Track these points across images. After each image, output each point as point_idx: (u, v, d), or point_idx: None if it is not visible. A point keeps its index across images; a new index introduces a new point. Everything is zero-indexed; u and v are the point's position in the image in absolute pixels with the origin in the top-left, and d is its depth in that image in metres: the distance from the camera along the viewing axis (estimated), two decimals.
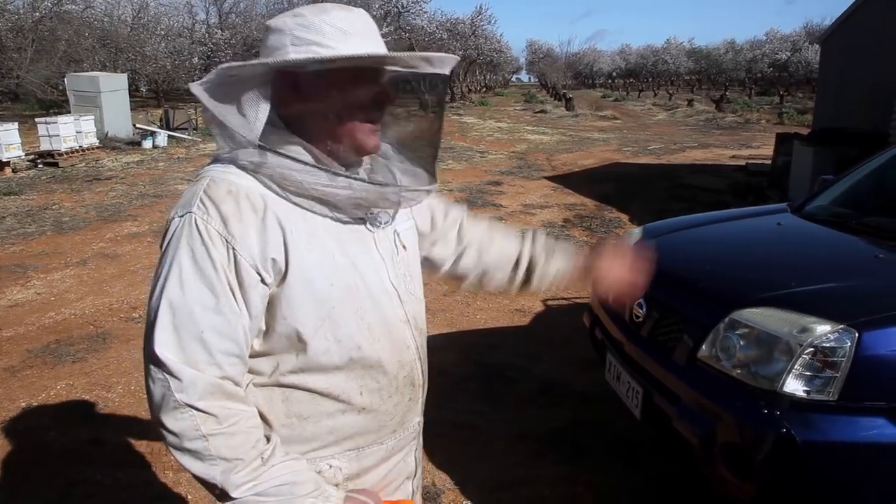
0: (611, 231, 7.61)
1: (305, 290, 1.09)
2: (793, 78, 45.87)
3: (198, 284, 1.02)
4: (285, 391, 1.15)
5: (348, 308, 1.13)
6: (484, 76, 54.97)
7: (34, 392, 3.76)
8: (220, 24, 29.83)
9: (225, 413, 1.03)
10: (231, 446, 1.04)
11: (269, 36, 1.11)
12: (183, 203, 1.08)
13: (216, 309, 1.03)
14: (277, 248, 1.06)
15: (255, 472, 1.05)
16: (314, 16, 1.07)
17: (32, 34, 18.20)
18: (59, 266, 6.13)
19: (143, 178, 10.78)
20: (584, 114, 28.58)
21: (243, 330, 1.06)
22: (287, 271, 1.07)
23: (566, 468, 3.05)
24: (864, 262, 2.64)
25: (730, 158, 14.05)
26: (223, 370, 1.05)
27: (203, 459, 1.03)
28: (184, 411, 1.01)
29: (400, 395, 1.24)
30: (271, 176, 1.07)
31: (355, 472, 1.23)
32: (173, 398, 1.01)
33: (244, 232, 1.04)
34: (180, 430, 1.02)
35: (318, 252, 1.10)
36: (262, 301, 1.07)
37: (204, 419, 1.02)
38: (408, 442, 1.32)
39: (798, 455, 1.95)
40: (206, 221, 1.03)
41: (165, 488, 2.90)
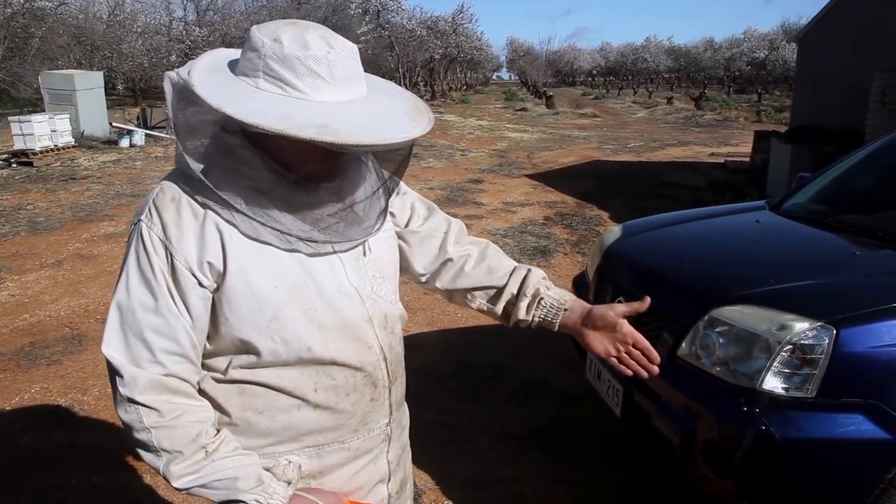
0: (591, 228, 7.63)
1: (246, 292, 1.10)
2: (770, 76, 46.48)
3: (140, 288, 1.08)
4: (240, 386, 1.17)
5: (296, 309, 1.13)
6: (464, 74, 55.01)
7: (7, 396, 3.69)
8: (198, 21, 29.52)
9: (167, 408, 1.08)
10: (172, 438, 1.09)
11: (247, 48, 1.06)
12: (138, 210, 1.14)
13: (155, 310, 1.08)
14: (215, 251, 1.08)
15: (197, 465, 1.10)
16: (292, 47, 1.02)
17: (4, 31, 17.90)
18: (33, 267, 6.03)
19: (120, 177, 10.64)
20: (565, 112, 28.70)
21: (184, 330, 1.09)
22: (225, 274, 1.09)
23: (547, 467, 3.05)
24: (841, 260, 2.67)
25: (709, 156, 14.17)
26: (166, 368, 1.09)
27: (149, 450, 1.10)
28: (129, 405, 1.08)
29: (359, 395, 1.23)
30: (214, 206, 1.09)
31: (317, 470, 1.23)
32: (119, 392, 1.08)
33: (181, 237, 1.07)
34: (128, 422, 1.09)
35: (260, 254, 1.10)
36: (203, 303, 1.10)
37: (146, 412, 1.07)
38: (376, 444, 1.30)
39: (777, 452, 1.96)
40: (150, 228, 1.09)
41: (142, 492, 2.86)
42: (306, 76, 1.02)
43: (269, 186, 1.10)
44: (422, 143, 14.43)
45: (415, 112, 1.11)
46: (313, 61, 1.02)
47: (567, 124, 23.35)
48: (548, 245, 6.94)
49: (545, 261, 6.41)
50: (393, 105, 1.11)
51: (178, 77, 1.05)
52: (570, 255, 6.67)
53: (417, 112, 1.11)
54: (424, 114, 1.11)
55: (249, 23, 27.69)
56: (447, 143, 15.76)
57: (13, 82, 18.12)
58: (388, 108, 1.10)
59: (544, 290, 1.37)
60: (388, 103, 1.11)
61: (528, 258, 6.46)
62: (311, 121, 0.98)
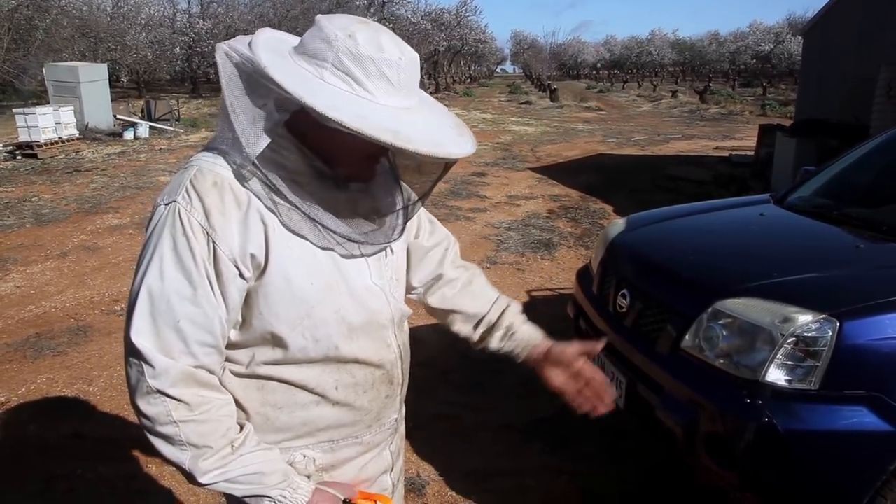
0: (595, 221, 7.63)
1: (284, 287, 1.08)
2: (776, 70, 46.27)
3: (177, 274, 1.03)
4: (261, 381, 1.15)
5: (328, 307, 1.13)
6: (468, 67, 54.89)
7: (14, 386, 3.71)
8: (202, 13, 29.44)
9: (197, 401, 1.05)
10: (201, 433, 1.05)
11: (315, 36, 1.04)
12: (169, 190, 1.07)
13: (193, 300, 1.03)
14: (258, 243, 1.05)
15: (224, 459, 1.07)
16: (367, 47, 1.01)
17: (8, 23, 17.87)
18: (38, 259, 6.05)
19: (124, 169, 10.65)
20: (569, 105, 28.62)
21: (220, 321, 1.06)
22: (266, 267, 1.06)
23: (550, 458, 3.07)
24: (845, 253, 2.66)
25: (713, 150, 14.13)
26: (198, 359, 1.06)
27: (174, 444, 1.06)
28: (156, 397, 1.03)
29: (376, 392, 1.24)
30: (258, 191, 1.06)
31: (330, 464, 1.23)
32: (147, 384, 1.03)
33: (225, 225, 1.03)
34: (153, 415, 1.04)
35: (299, 250, 1.08)
36: (240, 294, 1.07)
37: (175, 406, 1.04)
38: (384, 437, 1.32)
39: (780, 444, 1.97)
40: (189, 212, 1.03)
41: (148, 482, 2.88)
42: (376, 78, 1.02)
43: (307, 181, 1.09)
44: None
45: (459, 128, 1.12)
46: (386, 65, 1.02)
47: (571, 118, 23.29)
48: (551, 238, 6.94)
49: (549, 254, 6.41)
50: (441, 120, 1.11)
51: (237, 53, 1.02)
52: (574, 248, 6.67)
53: (461, 128, 1.12)
54: (466, 130, 1.12)
55: (254, 15, 27.73)
56: None
57: (17, 74, 18.11)
58: (441, 122, 1.10)
59: (518, 325, 1.45)
60: (436, 117, 1.11)
61: (531, 251, 6.47)
62: (383, 124, 0.97)
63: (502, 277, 5.71)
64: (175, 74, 29.99)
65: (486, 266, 6.00)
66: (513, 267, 6.01)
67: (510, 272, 5.87)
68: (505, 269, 5.93)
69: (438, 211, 7.83)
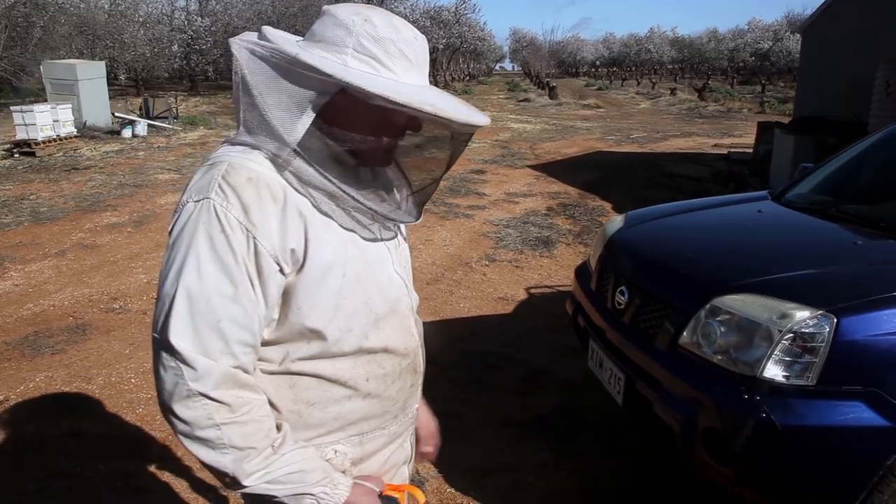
0: (594, 219, 7.63)
1: (321, 281, 1.09)
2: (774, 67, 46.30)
3: (216, 273, 1.01)
4: (293, 378, 1.14)
5: (359, 298, 1.14)
6: (467, 64, 54.80)
7: (13, 384, 3.71)
8: (200, 10, 29.37)
9: (238, 402, 1.03)
10: (244, 435, 1.03)
11: (329, 24, 1.07)
12: (198, 187, 1.05)
13: (234, 298, 1.02)
14: (297, 238, 1.05)
15: (267, 460, 1.05)
16: (385, 29, 1.06)
17: (5, 20, 17.82)
18: (37, 257, 6.05)
19: (122, 167, 10.64)
20: (568, 102, 28.61)
21: (258, 320, 1.05)
22: (305, 262, 1.07)
23: (549, 455, 3.07)
24: (842, 249, 2.67)
25: (712, 147, 14.14)
26: (238, 360, 1.04)
27: (214, 448, 1.03)
28: (196, 400, 1.00)
29: (403, 381, 1.26)
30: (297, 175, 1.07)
31: (359, 457, 1.23)
32: (186, 387, 1.00)
33: (264, 221, 1.02)
34: (192, 419, 1.01)
35: (333, 242, 1.09)
36: (279, 291, 1.07)
37: (217, 408, 1.01)
38: (406, 427, 1.34)
39: (778, 439, 1.97)
40: (226, 209, 1.01)
41: (148, 479, 2.88)
42: (397, 58, 1.06)
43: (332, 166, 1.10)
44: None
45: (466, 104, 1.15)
46: (404, 44, 1.07)
47: (570, 115, 23.28)
48: (550, 235, 6.95)
49: (548, 251, 6.42)
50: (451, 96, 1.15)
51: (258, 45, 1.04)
52: (573, 245, 6.68)
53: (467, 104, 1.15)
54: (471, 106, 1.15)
55: (252, 12, 27.64)
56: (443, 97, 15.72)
57: (15, 72, 18.08)
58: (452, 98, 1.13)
59: None
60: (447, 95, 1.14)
61: (530, 249, 6.47)
62: (418, 98, 1.01)
63: (501, 275, 5.72)
64: (173, 72, 29.89)
65: (484, 263, 6.01)
66: (511, 264, 6.01)
67: (509, 269, 5.87)
68: (504, 267, 5.93)
69: (437, 209, 7.84)
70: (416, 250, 6.34)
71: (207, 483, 2.83)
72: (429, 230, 7.02)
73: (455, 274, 5.72)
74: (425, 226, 7.14)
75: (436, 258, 6.15)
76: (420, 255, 6.21)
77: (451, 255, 6.28)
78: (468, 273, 5.76)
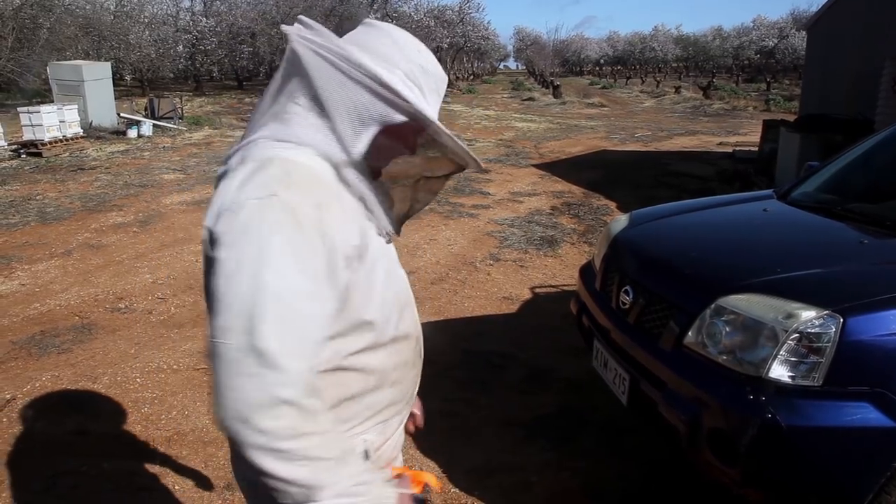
0: (598, 218, 7.62)
1: (373, 273, 1.12)
2: (780, 65, 46.13)
3: (296, 272, 0.97)
4: (340, 374, 1.12)
5: (392, 289, 1.20)
6: (471, 64, 54.79)
7: (19, 384, 3.72)
8: (205, 11, 29.41)
9: (318, 410, 0.98)
10: (324, 445, 0.98)
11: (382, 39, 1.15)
12: (259, 184, 1.00)
13: (314, 298, 0.99)
14: (359, 233, 1.08)
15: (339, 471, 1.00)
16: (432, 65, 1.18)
17: (13, 22, 17.89)
18: (43, 257, 6.07)
19: (128, 167, 10.67)
20: (572, 101, 28.57)
21: (331, 318, 1.04)
22: (366, 255, 1.09)
23: (553, 455, 3.07)
24: (848, 248, 2.65)
25: (717, 145, 14.10)
26: (315, 361, 1.00)
27: (293, 460, 0.95)
28: (285, 408, 0.93)
29: (414, 367, 1.31)
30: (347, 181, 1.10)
31: (380, 444, 1.25)
32: (275, 394, 0.93)
33: (333, 219, 1.02)
34: (275, 429, 0.93)
35: (375, 238, 1.15)
36: (345, 287, 1.05)
37: (305, 417, 0.95)
38: (408, 413, 1.37)
39: (783, 440, 1.96)
40: (297, 206, 0.99)
41: (152, 479, 2.89)
42: (432, 94, 1.18)
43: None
44: None
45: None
46: (441, 82, 1.20)
47: (574, 114, 23.25)
48: (555, 235, 6.94)
49: (552, 250, 6.41)
50: None
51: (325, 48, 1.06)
52: (578, 244, 6.67)
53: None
54: None
55: (256, 13, 27.67)
56: (454, 134, 15.72)
57: (21, 73, 18.15)
58: None
59: None
60: None
61: (535, 248, 6.47)
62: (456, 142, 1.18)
63: (505, 274, 5.72)
64: (178, 72, 29.97)
65: (489, 263, 6.00)
66: (516, 264, 6.01)
67: (513, 269, 5.87)
68: (508, 266, 5.93)
69: (442, 208, 7.84)
70: (421, 250, 6.34)
71: (211, 482, 2.84)
72: (433, 230, 7.02)
73: (459, 273, 5.72)
74: (430, 225, 7.14)
75: (440, 258, 6.15)
76: (424, 254, 6.21)
77: (455, 254, 6.28)
78: (472, 272, 5.76)
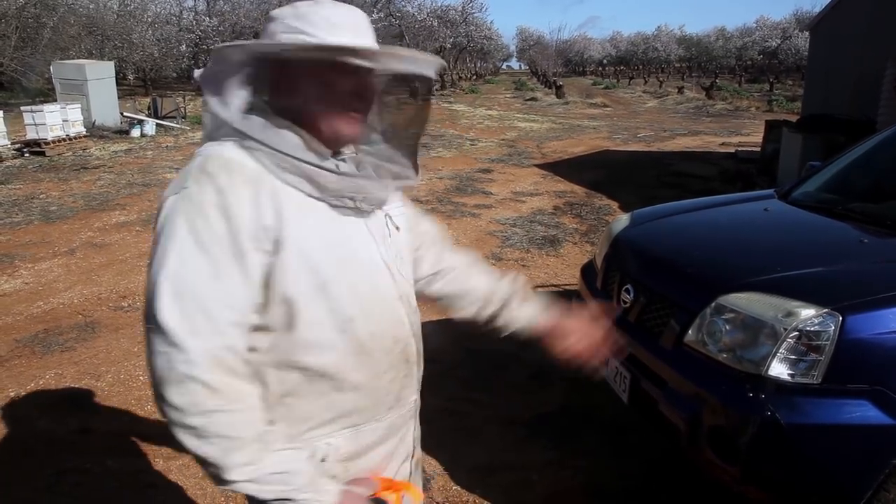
0: (600, 218, 7.63)
1: (300, 260, 1.09)
2: (783, 65, 46.05)
3: (197, 255, 1.02)
4: (280, 369, 1.14)
5: (342, 280, 1.14)
6: (474, 64, 54.81)
7: (23, 381, 3.74)
8: (208, 10, 29.52)
9: (228, 389, 1.02)
10: (232, 424, 1.02)
11: (266, 24, 1.17)
12: (177, 181, 1.10)
13: (217, 277, 1.03)
14: (271, 217, 1.07)
15: (254, 454, 1.03)
16: (308, 7, 1.13)
17: (16, 21, 17.96)
18: (46, 255, 6.09)
19: (131, 166, 10.69)
20: (575, 101, 28.56)
21: (243, 298, 1.06)
22: (282, 241, 1.08)
23: (555, 453, 3.08)
24: (848, 248, 2.66)
25: (719, 146, 14.09)
26: (227, 340, 1.03)
27: (201, 437, 1.00)
28: (188, 385, 0.99)
29: (395, 371, 1.25)
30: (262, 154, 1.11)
31: (354, 451, 1.22)
32: (178, 370, 0.99)
33: (238, 202, 1.05)
34: (183, 405, 0.99)
35: (312, 222, 1.11)
36: (260, 270, 1.07)
37: (207, 394, 1.00)
38: (406, 420, 1.33)
39: (783, 437, 1.97)
40: (201, 195, 1.05)
41: (156, 476, 2.90)
42: (321, 25, 1.11)
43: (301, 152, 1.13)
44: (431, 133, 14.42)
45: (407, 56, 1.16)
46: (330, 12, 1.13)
47: (577, 114, 23.25)
48: (557, 234, 6.95)
49: (554, 250, 6.42)
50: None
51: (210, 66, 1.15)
52: (580, 244, 6.68)
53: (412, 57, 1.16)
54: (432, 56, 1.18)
55: (259, 12, 27.70)
56: (456, 133, 15.74)
57: (25, 72, 18.20)
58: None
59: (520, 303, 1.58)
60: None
61: (537, 248, 6.47)
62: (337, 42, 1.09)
63: None
64: (181, 72, 30.01)
65: (491, 262, 6.01)
66: (518, 263, 6.01)
67: (515, 268, 5.87)
68: (510, 266, 5.93)
69: (444, 207, 7.84)
70: None
71: None
72: None
73: None
74: None
75: None
76: None
77: None
78: None
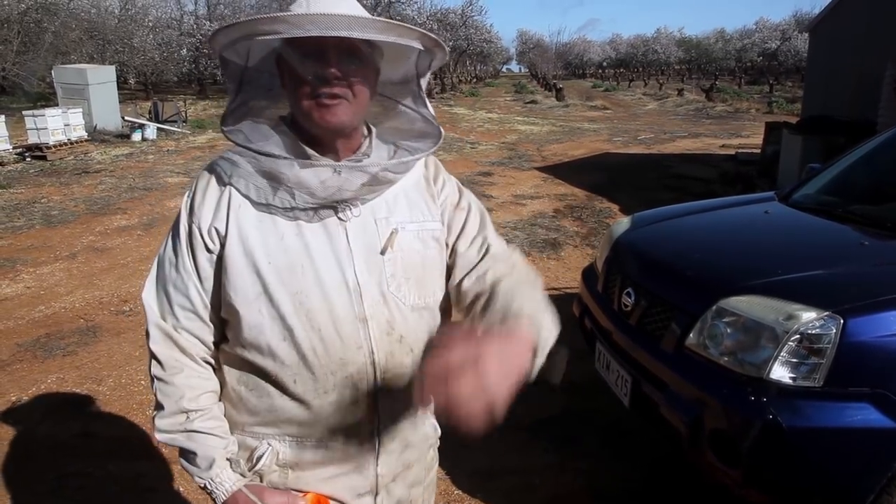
0: (601, 221, 7.63)
1: (242, 261, 1.14)
2: (782, 67, 46.06)
3: (171, 245, 1.20)
4: (239, 361, 1.21)
5: (285, 290, 1.12)
6: (474, 67, 54.86)
7: (24, 386, 3.75)
8: (209, 15, 29.52)
9: (170, 363, 1.17)
10: (164, 393, 1.17)
11: None
12: None
13: (176, 266, 1.18)
14: (222, 217, 1.16)
15: (174, 425, 1.17)
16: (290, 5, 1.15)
17: (18, 25, 18.01)
18: (48, 260, 6.10)
19: (132, 170, 10.70)
20: (575, 104, 28.57)
21: (195, 288, 1.18)
22: (226, 240, 1.15)
23: (556, 457, 3.08)
24: (849, 250, 2.66)
25: (720, 148, 14.08)
26: (179, 322, 1.18)
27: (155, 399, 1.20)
28: (150, 354, 1.19)
29: (340, 397, 1.16)
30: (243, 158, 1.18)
31: (294, 461, 1.22)
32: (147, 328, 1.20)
33: (203, 204, 1.17)
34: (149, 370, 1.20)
35: (265, 228, 1.14)
36: (210, 266, 1.17)
37: (153, 364, 1.18)
38: (360, 453, 1.22)
39: (784, 441, 1.97)
40: (187, 197, 1.20)
41: (158, 480, 2.91)
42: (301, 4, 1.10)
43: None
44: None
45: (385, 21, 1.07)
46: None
47: (577, 116, 23.25)
48: (558, 238, 6.95)
49: (555, 253, 6.42)
50: None
51: None
52: (580, 247, 6.68)
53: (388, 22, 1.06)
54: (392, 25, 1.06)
55: None
56: (457, 136, 15.74)
57: (26, 76, 18.23)
58: None
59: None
60: None
61: (538, 251, 6.47)
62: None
63: None
64: (182, 76, 30.05)
65: None
66: None
67: None
68: None
69: None
70: None
71: None
72: None
73: None
74: None
75: None
76: None
77: None
78: None
